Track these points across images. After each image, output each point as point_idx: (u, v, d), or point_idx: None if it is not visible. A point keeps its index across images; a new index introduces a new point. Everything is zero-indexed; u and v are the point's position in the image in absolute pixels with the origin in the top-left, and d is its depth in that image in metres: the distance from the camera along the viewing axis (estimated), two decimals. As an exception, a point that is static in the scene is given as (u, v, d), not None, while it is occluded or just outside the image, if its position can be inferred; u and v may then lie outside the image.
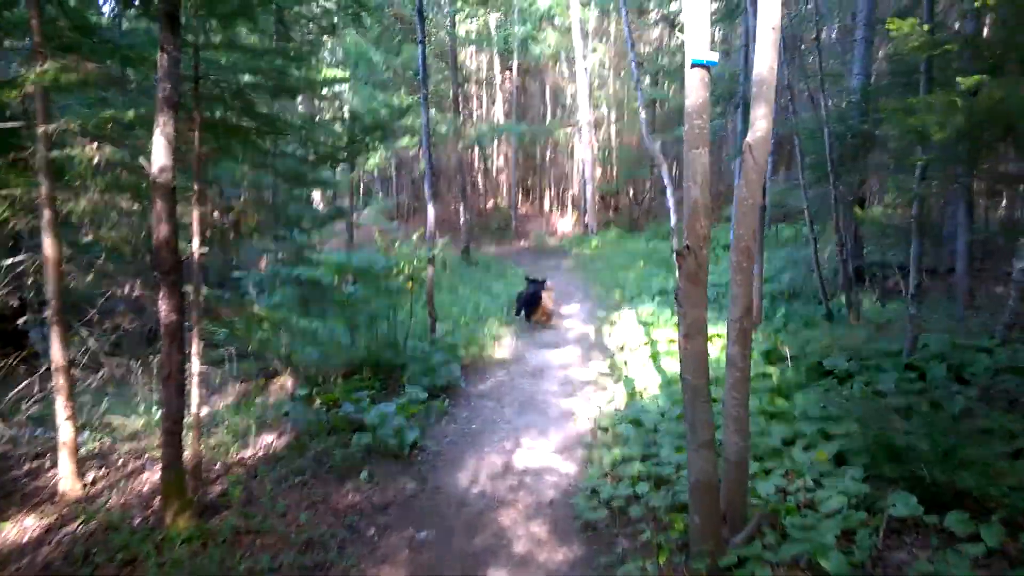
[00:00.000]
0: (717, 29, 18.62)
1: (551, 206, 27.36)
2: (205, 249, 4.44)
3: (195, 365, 4.68)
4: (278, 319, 5.19)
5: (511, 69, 24.28)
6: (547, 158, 27.79)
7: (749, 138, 2.56)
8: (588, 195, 19.40)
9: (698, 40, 2.47)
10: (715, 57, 2.47)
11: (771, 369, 5.73)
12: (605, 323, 9.18)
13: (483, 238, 22.08)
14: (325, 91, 11.00)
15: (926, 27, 3.23)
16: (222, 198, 5.24)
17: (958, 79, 3.15)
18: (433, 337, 7.53)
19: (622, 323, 9.07)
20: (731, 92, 9.36)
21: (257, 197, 6.11)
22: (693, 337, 2.84)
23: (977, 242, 5.52)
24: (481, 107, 26.17)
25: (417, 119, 15.92)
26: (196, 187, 4.42)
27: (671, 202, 8.38)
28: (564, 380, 6.81)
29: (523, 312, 9.42)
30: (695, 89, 2.50)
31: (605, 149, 22.91)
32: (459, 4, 16.06)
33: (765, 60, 2.48)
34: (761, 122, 2.51)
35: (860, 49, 6.76)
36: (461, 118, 15.33)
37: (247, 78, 4.68)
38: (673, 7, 19.30)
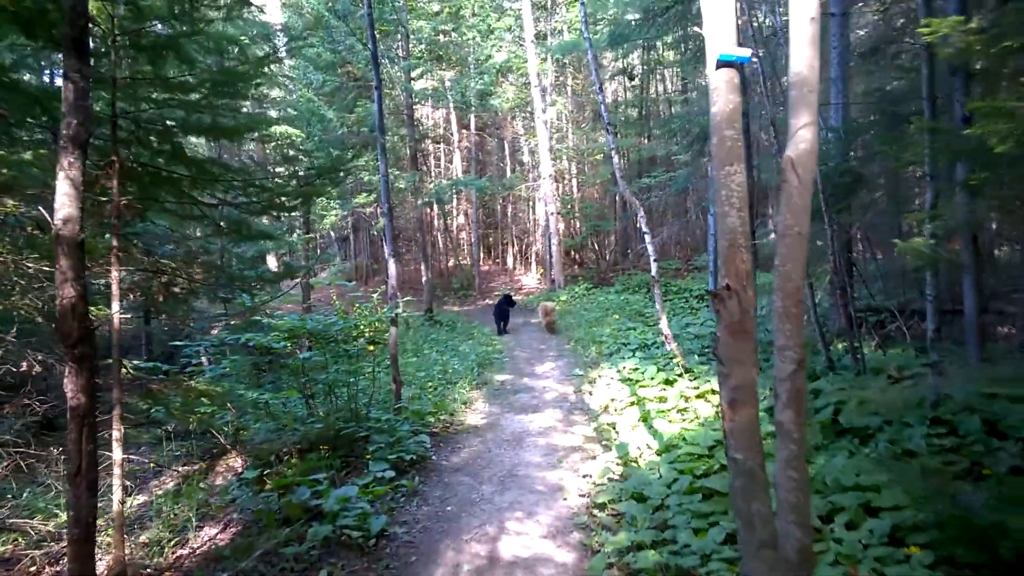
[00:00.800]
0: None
1: (514, 262, 27.18)
2: (125, 315, 3.78)
3: (116, 453, 3.98)
4: (221, 393, 4.50)
5: (468, 127, 24.46)
6: (508, 213, 27.81)
7: (791, 152, 2.14)
8: (553, 249, 19.20)
9: (722, 32, 2.10)
10: (746, 53, 2.10)
11: (777, 426, 5.26)
12: (584, 382, 8.66)
13: (446, 297, 21.57)
14: (275, 132, 10.50)
15: (975, 23, 2.92)
16: (151, 256, 4.61)
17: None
18: (398, 404, 6.86)
19: (603, 381, 8.57)
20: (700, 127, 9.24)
21: (194, 254, 5.48)
22: (742, 404, 2.34)
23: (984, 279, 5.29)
24: (439, 165, 26.15)
25: (373, 175, 15.59)
26: (115, 243, 3.80)
27: (650, 248, 8.05)
28: (547, 448, 6.20)
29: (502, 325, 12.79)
30: (722, 94, 2.11)
31: (567, 203, 22.97)
32: (413, 60, 16.05)
33: (802, 57, 2.10)
34: (804, 132, 2.10)
35: (837, 87, 6.69)
36: (419, 175, 15.02)
37: (178, 115, 4.16)
38: (631, 59, 19.82)
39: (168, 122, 4.18)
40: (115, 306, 3.85)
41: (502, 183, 24.25)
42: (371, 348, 6.64)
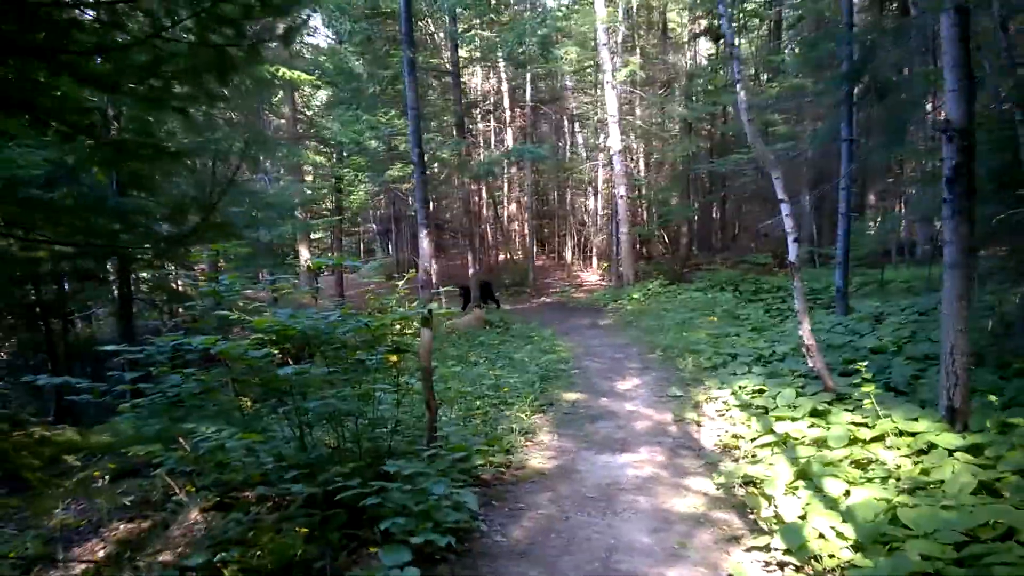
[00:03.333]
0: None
1: (573, 256, 25.22)
2: None
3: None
4: (119, 441, 2.77)
5: (522, 105, 22.62)
6: (567, 201, 25.85)
7: None
8: (622, 239, 17.13)
9: None
10: None
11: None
12: (686, 406, 6.66)
13: (497, 295, 19.83)
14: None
15: None
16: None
17: None
18: (433, 439, 5.03)
19: (714, 407, 6.57)
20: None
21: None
22: None
23: None
24: (489, 146, 24.41)
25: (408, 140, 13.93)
26: None
27: (788, 224, 5.99)
28: (654, 516, 4.26)
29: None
30: None
31: (636, 185, 20.83)
32: (461, 15, 14.23)
33: None
34: None
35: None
36: (466, 143, 13.26)
37: None
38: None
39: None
40: None
41: (561, 163, 22.27)
42: (394, 359, 4.85)
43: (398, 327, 5.04)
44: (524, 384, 7.58)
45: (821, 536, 3.43)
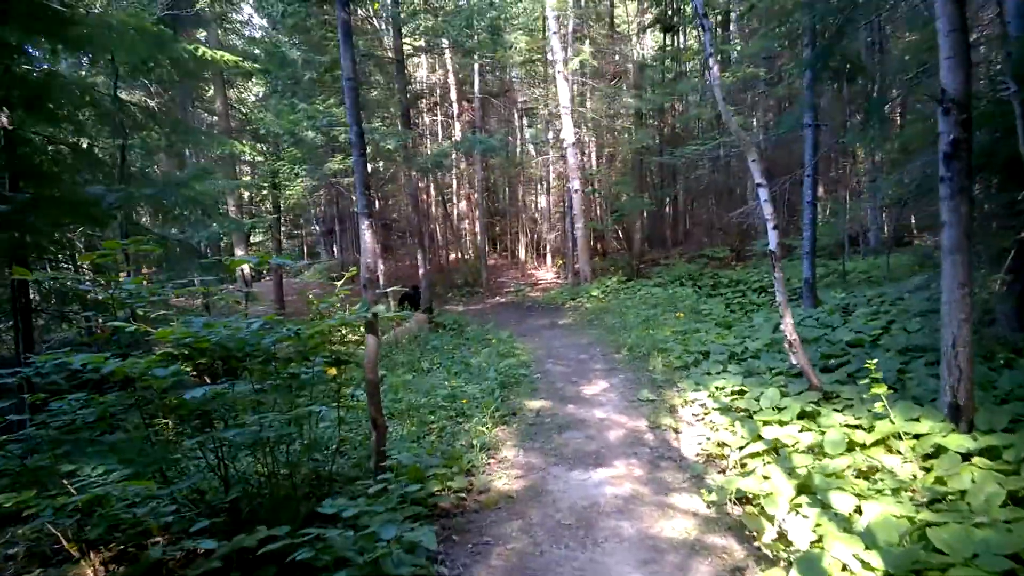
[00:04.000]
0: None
1: (526, 254, 24.75)
2: None
3: None
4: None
5: (470, 99, 21.97)
6: (519, 198, 25.37)
7: None
8: (578, 235, 16.71)
9: None
10: None
11: None
12: (660, 411, 6.19)
13: (449, 295, 19.16)
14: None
15: None
16: None
17: None
18: (381, 463, 4.38)
19: (691, 410, 6.12)
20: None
21: None
22: None
23: None
24: (437, 140, 23.66)
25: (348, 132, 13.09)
26: None
27: (767, 210, 5.57)
28: (641, 545, 3.74)
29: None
30: None
31: (590, 178, 20.47)
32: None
33: None
34: None
35: None
36: (413, 134, 12.53)
37: None
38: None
39: None
40: None
41: (512, 158, 21.76)
42: (332, 372, 4.18)
43: (339, 334, 4.37)
44: (483, 393, 6.98)
45: (845, 568, 2.96)
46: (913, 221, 16.97)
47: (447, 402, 6.69)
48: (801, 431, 4.83)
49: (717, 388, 6.28)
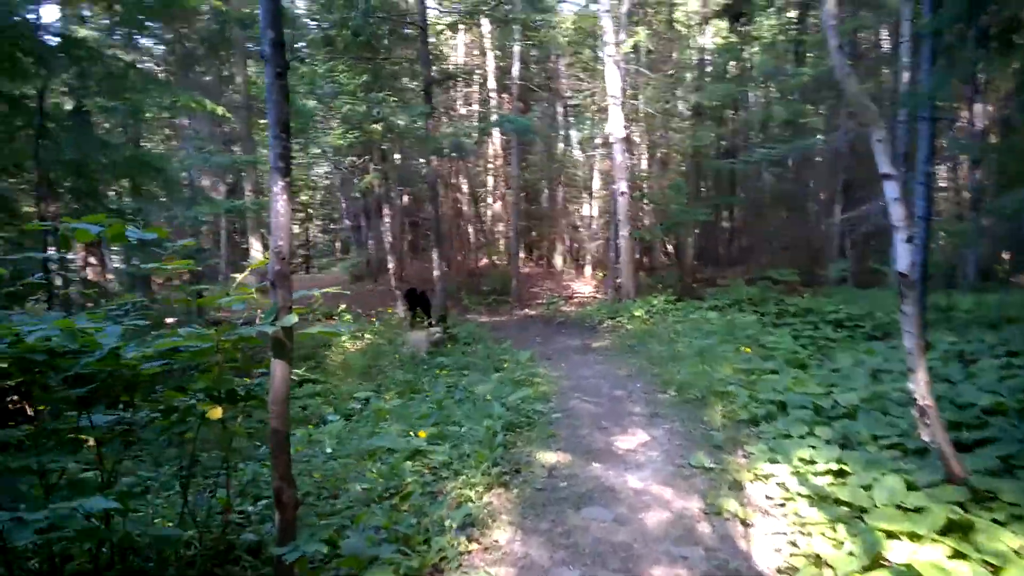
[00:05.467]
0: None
1: (563, 263, 23.19)
2: None
3: None
4: None
5: (508, 85, 20.54)
6: (558, 200, 23.82)
7: None
8: (622, 245, 15.05)
9: None
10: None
11: None
12: (722, 489, 4.55)
13: (472, 303, 17.75)
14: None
15: None
16: None
17: None
18: (280, 563, 2.87)
19: (765, 489, 4.48)
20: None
21: None
22: None
23: None
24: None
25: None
26: None
27: (897, 213, 3.92)
28: None
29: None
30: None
31: (639, 180, 18.80)
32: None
33: None
34: None
35: None
36: (430, 109, 11.04)
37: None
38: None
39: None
40: None
41: (553, 154, 20.23)
42: (217, 414, 2.74)
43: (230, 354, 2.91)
44: (484, 437, 5.42)
45: None
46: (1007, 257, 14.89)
47: (431, 445, 5.18)
48: (952, 557, 3.17)
49: (803, 461, 4.61)
